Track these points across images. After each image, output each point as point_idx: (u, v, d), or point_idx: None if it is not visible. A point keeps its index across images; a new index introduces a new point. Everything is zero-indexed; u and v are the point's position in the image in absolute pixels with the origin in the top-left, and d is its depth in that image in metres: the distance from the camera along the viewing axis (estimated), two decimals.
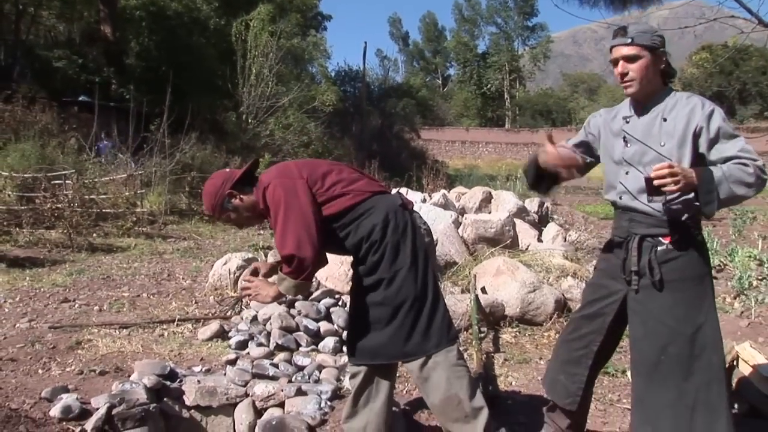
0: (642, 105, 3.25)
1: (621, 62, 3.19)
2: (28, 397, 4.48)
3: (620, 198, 3.31)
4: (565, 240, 10.65)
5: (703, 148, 3.09)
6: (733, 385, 4.32)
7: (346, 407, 3.73)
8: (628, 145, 3.28)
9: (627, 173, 3.27)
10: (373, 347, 3.49)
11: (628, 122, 3.31)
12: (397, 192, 3.66)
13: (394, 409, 4.15)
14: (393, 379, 3.70)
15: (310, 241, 3.27)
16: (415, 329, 3.40)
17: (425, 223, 3.68)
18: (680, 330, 3.12)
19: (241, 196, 3.57)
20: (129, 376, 4.85)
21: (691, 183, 2.93)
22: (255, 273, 3.78)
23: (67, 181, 13.24)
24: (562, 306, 6.80)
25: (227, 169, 3.81)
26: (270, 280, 3.55)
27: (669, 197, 3.06)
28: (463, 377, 3.45)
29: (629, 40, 3.16)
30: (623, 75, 3.19)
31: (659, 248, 3.17)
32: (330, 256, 3.74)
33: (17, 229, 11.52)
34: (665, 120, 3.17)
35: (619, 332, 3.52)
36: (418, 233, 3.47)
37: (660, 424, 3.13)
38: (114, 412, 4.09)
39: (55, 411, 4.19)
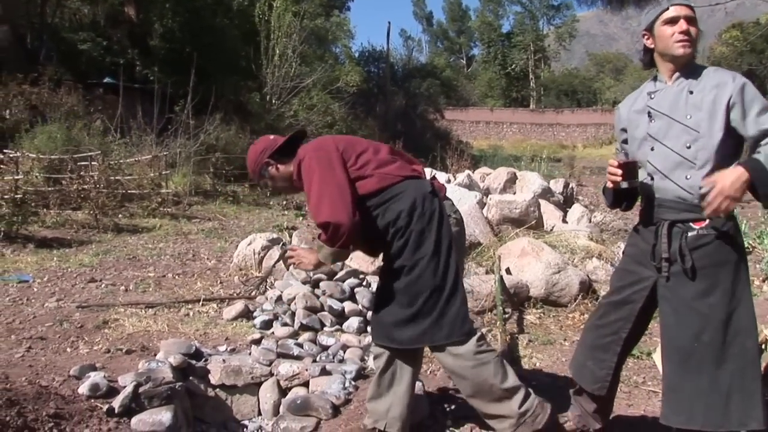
0: (675, 74, 3.19)
1: (682, 21, 3.10)
2: (58, 375, 4.54)
3: (651, 179, 3.22)
4: (590, 221, 10.59)
5: (737, 123, 3.01)
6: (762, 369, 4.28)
7: (371, 387, 3.77)
8: (653, 120, 3.22)
9: (652, 149, 3.21)
10: (390, 330, 3.53)
11: (652, 98, 3.25)
12: (431, 177, 3.61)
13: (417, 391, 4.18)
14: (417, 365, 3.72)
15: (345, 208, 3.27)
16: (427, 318, 3.41)
17: (456, 211, 3.64)
18: (713, 316, 3.06)
19: (278, 165, 3.65)
20: (155, 355, 4.90)
21: (739, 186, 2.84)
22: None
23: (93, 163, 13.32)
24: (587, 287, 6.77)
25: (272, 136, 3.86)
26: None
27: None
28: (487, 363, 3.44)
29: (690, 3, 3.11)
30: (686, 33, 3.10)
31: (690, 234, 3.10)
32: None
33: (45, 210, 11.62)
34: (691, 93, 3.11)
35: (649, 317, 3.47)
36: (444, 222, 3.45)
37: (694, 411, 3.07)
38: (141, 390, 4.13)
39: (83, 388, 4.24)
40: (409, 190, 3.43)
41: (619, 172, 3.20)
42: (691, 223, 3.12)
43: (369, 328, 4.87)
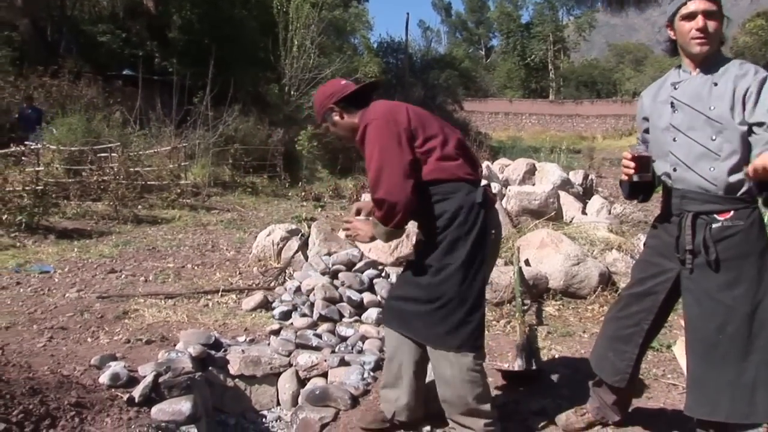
0: (697, 67, 3.15)
1: (700, 16, 3.04)
2: (79, 364, 4.58)
3: (674, 170, 3.18)
4: (609, 213, 10.51)
5: (747, 110, 2.97)
6: None
7: (383, 374, 3.85)
8: (676, 111, 3.17)
9: (675, 139, 3.17)
10: (405, 319, 3.54)
11: (676, 88, 3.21)
12: (486, 185, 3.49)
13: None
14: (425, 356, 3.67)
15: (403, 189, 3.23)
16: (443, 324, 3.39)
17: (498, 225, 3.59)
18: (738, 308, 3.03)
19: (344, 114, 3.57)
20: (175, 345, 4.93)
21: None
22: (358, 213, 3.79)
23: (112, 154, 13.41)
24: (606, 279, 6.73)
25: (343, 81, 3.73)
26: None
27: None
28: (475, 383, 3.44)
29: None
30: (702, 30, 3.05)
31: (714, 226, 3.07)
32: None
33: (65, 201, 11.71)
34: (716, 84, 3.06)
35: (670, 309, 3.44)
36: (485, 236, 3.39)
37: (719, 404, 3.06)
38: (160, 380, 4.16)
39: (104, 378, 4.28)
40: (459, 195, 3.36)
41: (632, 165, 3.18)
42: (715, 215, 3.07)
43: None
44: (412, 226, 3.69)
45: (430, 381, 3.72)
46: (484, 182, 3.54)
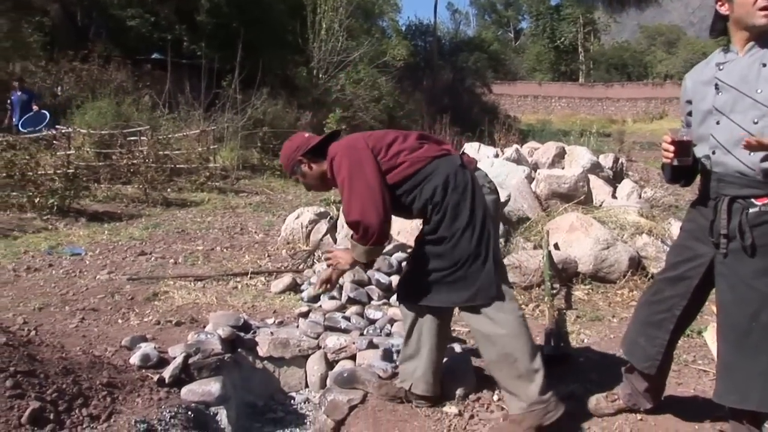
0: (752, 40, 3.02)
1: None
2: (110, 345, 4.64)
3: (713, 153, 3.08)
4: (640, 197, 10.41)
5: None
6: None
7: (401, 351, 3.91)
8: (720, 92, 3.05)
9: (718, 122, 3.05)
10: (428, 290, 3.58)
11: (721, 69, 3.07)
12: (460, 152, 3.69)
13: (464, 363, 4.19)
14: (442, 328, 3.77)
15: (375, 208, 3.37)
16: (470, 282, 3.46)
17: (490, 181, 3.68)
18: None
19: (311, 164, 3.74)
20: (204, 327, 4.97)
21: None
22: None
23: (142, 138, 13.51)
24: (636, 264, 6.67)
25: (306, 134, 3.93)
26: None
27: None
28: (519, 336, 3.46)
29: None
30: None
31: (751, 210, 2.97)
32: None
33: (96, 184, 11.83)
34: (765, 65, 2.94)
35: (705, 295, 3.36)
36: (477, 191, 3.50)
37: (749, 392, 3.00)
38: (190, 361, 4.19)
39: (134, 359, 4.33)
40: (441, 168, 3.50)
41: (672, 149, 3.13)
42: (752, 200, 2.98)
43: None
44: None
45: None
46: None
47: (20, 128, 14.47)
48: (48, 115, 14.87)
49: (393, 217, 3.55)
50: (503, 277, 3.62)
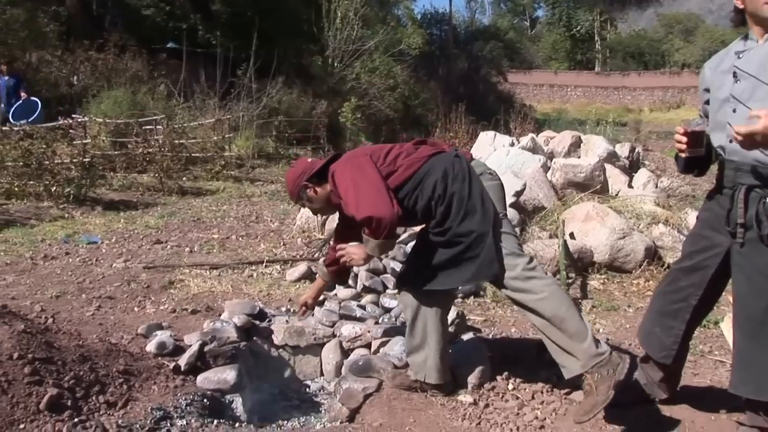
0: (766, 35, 3.01)
1: None
2: (126, 333, 4.66)
3: (730, 142, 3.01)
4: (656, 186, 10.36)
5: None
6: None
7: (406, 342, 3.94)
8: (738, 81, 3.00)
9: (734, 110, 3.00)
10: (429, 278, 3.63)
11: (740, 57, 3.03)
12: (453, 148, 3.80)
13: (479, 353, 4.19)
14: (445, 315, 3.83)
15: (384, 202, 3.43)
16: (468, 261, 3.52)
17: (491, 170, 3.75)
18: None
19: (317, 188, 3.80)
20: (219, 315, 4.98)
21: None
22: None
23: (157, 127, 13.56)
24: (652, 254, 6.64)
25: (309, 159, 4.04)
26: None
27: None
28: (550, 297, 3.47)
29: None
30: None
31: (767, 200, 2.95)
32: None
33: (112, 173, 11.89)
34: None
35: (721, 286, 3.33)
36: (474, 178, 3.55)
37: (764, 382, 2.98)
38: (206, 349, 4.21)
39: (150, 347, 4.35)
40: (437, 164, 3.58)
41: (684, 140, 3.10)
42: None
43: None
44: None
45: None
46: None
47: (11, 119, 13.96)
48: (39, 103, 14.61)
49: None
50: (513, 249, 3.60)
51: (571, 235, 6.77)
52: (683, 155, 3.14)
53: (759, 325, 2.99)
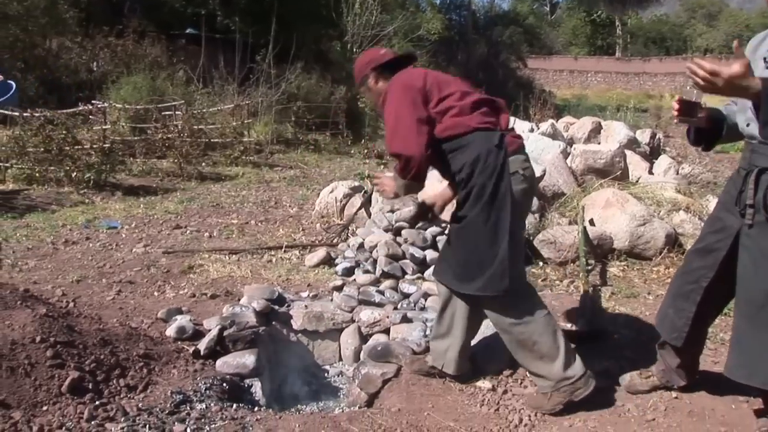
0: None
1: None
2: (146, 317, 4.70)
3: (747, 125, 3.03)
4: (677, 173, 10.30)
5: None
6: None
7: (434, 326, 3.95)
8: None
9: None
10: (446, 272, 3.67)
11: None
12: (504, 130, 3.55)
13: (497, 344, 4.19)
14: (475, 310, 3.75)
15: (417, 143, 3.37)
16: (476, 268, 3.46)
17: (526, 167, 3.57)
18: None
19: (378, 80, 3.76)
20: (239, 299, 5.01)
21: (738, 84, 2.68)
22: None
23: (176, 112, 13.59)
24: (673, 241, 6.59)
25: (383, 50, 3.96)
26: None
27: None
28: (530, 323, 3.48)
29: None
30: None
31: None
32: (438, 186, 3.80)
33: (131, 158, 11.94)
34: None
35: (735, 269, 3.21)
36: (505, 177, 3.40)
37: (758, 368, 2.96)
38: (225, 333, 4.24)
39: (170, 331, 4.38)
40: (475, 143, 3.43)
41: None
42: None
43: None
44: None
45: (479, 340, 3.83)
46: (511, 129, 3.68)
47: None
48: (14, 85, 14.14)
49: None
50: (520, 268, 3.61)
51: (591, 222, 6.74)
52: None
53: (757, 308, 2.98)
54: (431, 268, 5.63)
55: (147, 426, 3.20)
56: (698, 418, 3.49)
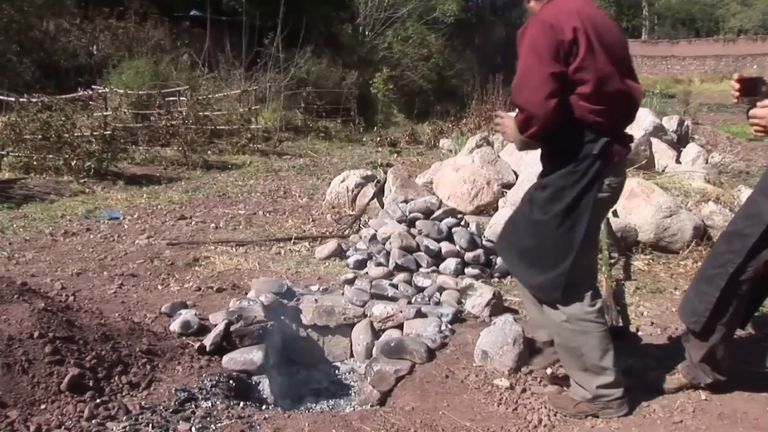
0: None
1: None
2: (149, 312, 4.72)
3: None
4: (706, 162, 10.23)
5: None
6: None
7: (530, 321, 4.07)
8: None
9: None
10: (506, 241, 3.71)
11: None
12: (618, 138, 3.33)
13: (519, 337, 4.17)
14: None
15: (543, 103, 3.11)
16: (536, 268, 3.43)
17: (619, 180, 3.43)
18: None
19: (537, 1, 3.43)
20: (246, 293, 5.02)
21: None
22: None
23: (181, 98, 13.61)
24: (701, 233, 6.55)
25: None
26: None
27: None
28: (587, 333, 3.42)
29: None
30: None
31: None
32: (453, 176, 3.76)
33: (133, 146, 11.97)
34: None
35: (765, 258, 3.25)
36: (593, 188, 3.25)
37: None
38: (232, 328, 4.24)
39: (174, 326, 4.40)
40: (578, 141, 3.25)
41: (737, 86, 3.07)
42: None
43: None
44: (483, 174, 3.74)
45: None
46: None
47: None
48: None
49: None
50: (584, 279, 3.50)
51: (614, 213, 6.70)
52: (735, 102, 3.10)
53: None
54: (446, 261, 5.65)
55: (150, 425, 3.22)
56: (729, 421, 3.43)
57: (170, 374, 3.79)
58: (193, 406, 3.48)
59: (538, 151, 3.49)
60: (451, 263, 5.63)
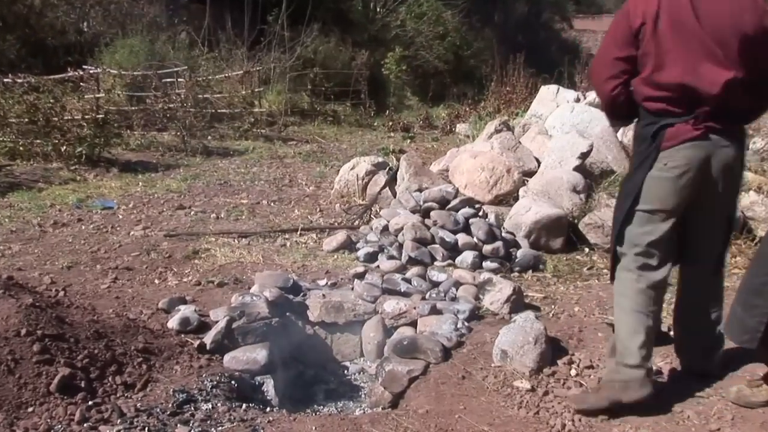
0: None
1: None
2: (145, 308, 4.73)
3: None
4: (747, 148, 10.15)
5: None
6: None
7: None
8: None
9: None
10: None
11: None
12: (679, 121, 3.31)
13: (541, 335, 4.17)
14: None
15: (602, 83, 3.51)
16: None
17: (675, 161, 3.35)
18: None
19: None
20: (249, 288, 5.03)
21: None
22: None
23: (179, 79, 13.59)
24: (740, 226, 6.50)
25: None
26: None
27: None
28: (619, 305, 3.64)
29: None
30: None
31: None
32: (471, 163, 3.79)
33: (128, 131, 11.96)
34: None
35: None
36: (644, 168, 3.39)
37: None
38: (234, 325, 4.25)
39: (172, 323, 4.40)
40: (643, 126, 3.46)
41: None
42: None
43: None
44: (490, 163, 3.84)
45: None
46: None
47: None
48: None
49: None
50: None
51: None
52: None
53: None
54: (463, 254, 5.65)
55: (146, 428, 3.23)
56: None
57: (168, 374, 3.81)
58: (192, 408, 3.49)
59: (560, 138, 3.69)
60: (468, 256, 5.63)
